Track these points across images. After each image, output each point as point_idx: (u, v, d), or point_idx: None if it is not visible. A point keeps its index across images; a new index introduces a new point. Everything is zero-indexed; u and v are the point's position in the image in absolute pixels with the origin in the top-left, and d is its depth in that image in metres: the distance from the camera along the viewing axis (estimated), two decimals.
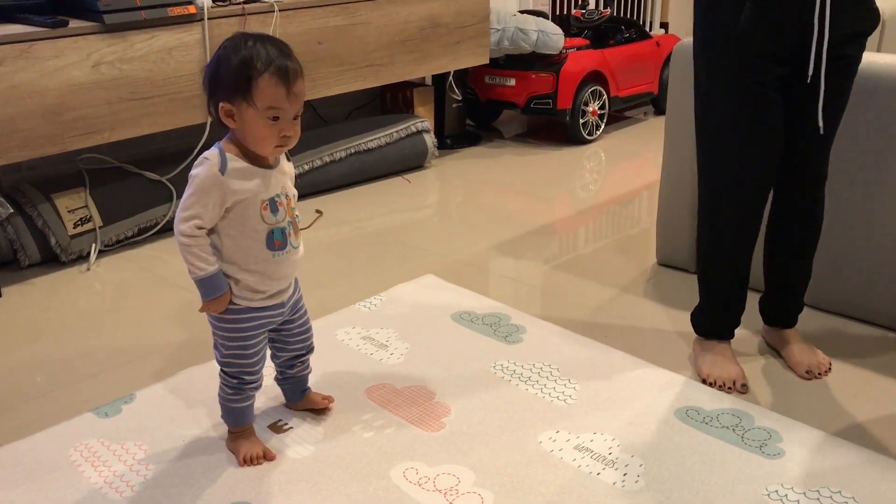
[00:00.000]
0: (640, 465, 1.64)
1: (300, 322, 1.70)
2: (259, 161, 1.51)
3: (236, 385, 1.61)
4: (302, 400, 1.81)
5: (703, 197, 1.93)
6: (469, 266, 2.64)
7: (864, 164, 2.05)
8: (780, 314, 2.05)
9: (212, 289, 1.50)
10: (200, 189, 1.46)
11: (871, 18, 1.75)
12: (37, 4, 2.52)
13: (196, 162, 1.49)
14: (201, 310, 1.54)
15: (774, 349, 2.07)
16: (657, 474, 1.61)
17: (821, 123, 1.74)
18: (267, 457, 1.65)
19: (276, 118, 1.44)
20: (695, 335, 2.07)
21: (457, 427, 1.76)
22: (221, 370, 1.61)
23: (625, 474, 1.61)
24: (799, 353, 2.00)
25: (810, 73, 1.71)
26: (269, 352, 1.70)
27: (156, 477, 1.61)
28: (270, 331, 1.65)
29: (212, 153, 1.48)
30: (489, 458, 1.66)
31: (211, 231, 1.50)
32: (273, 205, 1.52)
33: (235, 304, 1.54)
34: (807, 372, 1.96)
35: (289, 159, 1.60)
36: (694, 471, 1.62)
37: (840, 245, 2.14)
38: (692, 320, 2.07)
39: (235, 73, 1.42)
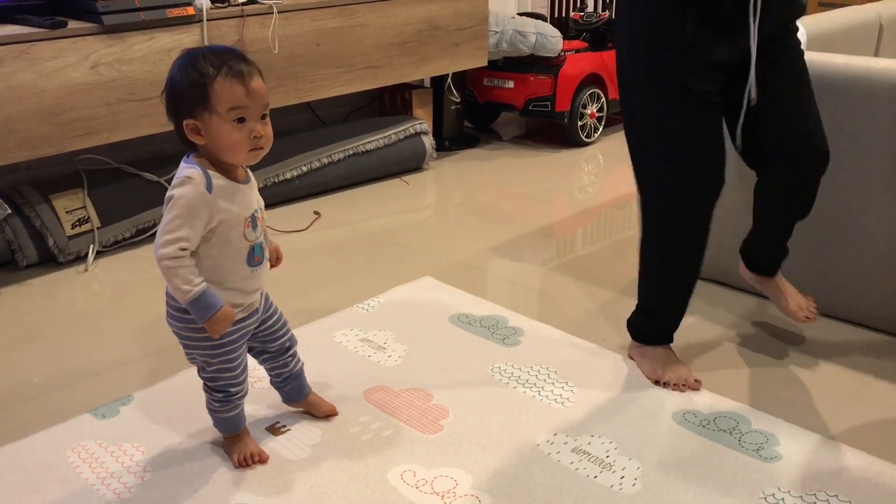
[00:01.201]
0: (638, 469, 1.64)
1: (276, 318, 1.68)
2: (233, 176, 1.49)
3: (222, 398, 1.60)
4: (304, 402, 1.80)
5: (648, 209, 1.88)
6: (467, 268, 2.64)
7: (858, 166, 2.06)
8: (770, 264, 2.05)
9: (207, 307, 1.45)
10: (188, 210, 1.41)
11: (798, 5, 1.80)
12: (36, 5, 2.52)
13: (176, 182, 1.43)
14: (212, 334, 1.48)
15: (759, 294, 2.13)
16: (655, 477, 1.61)
17: (752, 95, 1.75)
18: (261, 458, 1.65)
19: (241, 119, 1.42)
20: (631, 342, 2.05)
21: (455, 429, 1.76)
22: (205, 385, 1.61)
23: (622, 477, 1.61)
24: (794, 299, 2.04)
25: (749, 87, 1.74)
26: (254, 360, 1.71)
27: (154, 479, 1.61)
28: (250, 339, 1.64)
29: (193, 172, 1.43)
30: (487, 461, 1.66)
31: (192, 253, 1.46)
32: (253, 221, 1.52)
33: None
34: (806, 318, 2.02)
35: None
36: (691, 474, 1.62)
37: (835, 248, 2.15)
38: (631, 327, 2.05)
39: (190, 86, 1.40)
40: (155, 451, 1.70)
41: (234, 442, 1.67)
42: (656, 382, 1.94)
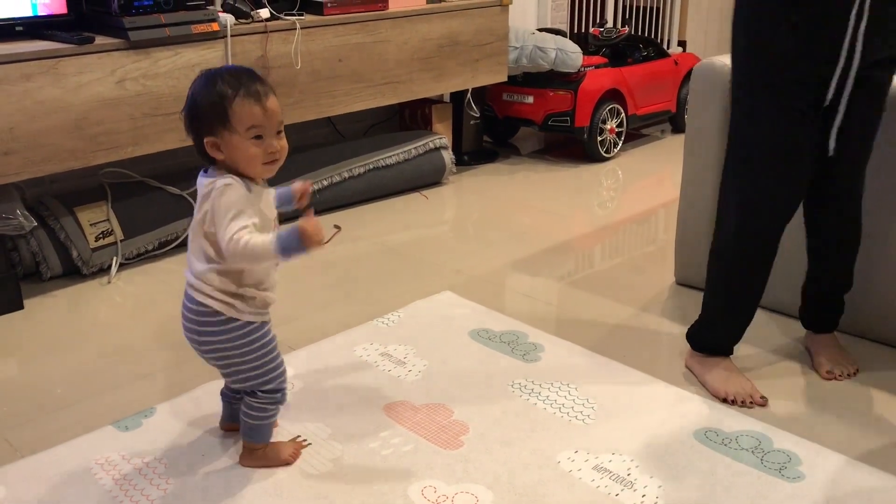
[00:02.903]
0: (659, 487, 1.63)
1: None
2: (255, 183, 1.55)
3: (279, 398, 1.64)
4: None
5: (727, 216, 1.93)
6: (486, 283, 2.64)
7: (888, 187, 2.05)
8: (813, 320, 2.11)
9: (292, 242, 1.45)
10: (239, 205, 1.47)
11: None
12: (63, 21, 2.56)
13: (216, 192, 1.48)
14: (317, 245, 1.47)
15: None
16: (676, 496, 1.61)
17: (832, 146, 1.79)
18: (301, 445, 1.75)
19: (258, 136, 1.49)
20: (690, 352, 2.07)
21: (475, 445, 1.76)
22: (259, 392, 1.62)
23: (643, 496, 1.61)
24: (825, 355, 2.04)
25: (829, 96, 1.75)
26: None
27: (175, 492, 1.62)
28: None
29: (230, 178, 1.49)
30: (507, 478, 1.66)
31: None
32: (276, 222, 1.60)
33: (253, 321, 1.58)
34: (827, 372, 2.01)
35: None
36: (713, 493, 1.61)
37: (861, 267, 2.13)
38: (692, 336, 2.07)
39: (210, 107, 1.48)
40: (177, 463, 1.71)
41: (267, 450, 1.69)
42: (724, 400, 1.93)
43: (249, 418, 1.65)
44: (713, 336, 2.03)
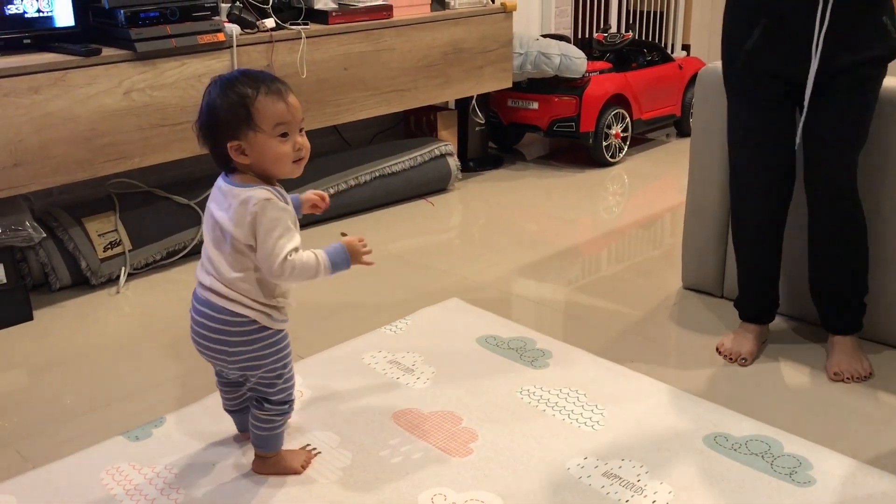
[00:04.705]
0: (670, 493, 1.63)
1: None
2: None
3: (287, 409, 1.65)
4: None
5: (730, 200, 2.16)
6: (493, 289, 2.64)
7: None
8: (824, 319, 2.13)
9: (340, 258, 1.53)
10: (284, 221, 1.48)
11: (886, 45, 1.86)
12: (70, 33, 2.57)
13: (255, 208, 1.46)
14: (367, 261, 1.59)
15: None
16: (686, 501, 1.60)
17: (798, 139, 1.94)
18: (311, 456, 1.75)
19: (285, 134, 1.48)
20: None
21: (484, 453, 1.76)
22: (267, 403, 1.61)
23: (654, 501, 1.60)
24: (837, 357, 2.06)
25: (807, 98, 1.88)
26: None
27: (186, 501, 1.63)
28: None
29: (265, 192, 1.47)
30: (517, 485, 1.66)
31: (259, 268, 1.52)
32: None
33: (282, 329, 1.60)
34: (834, 373, 2.03)
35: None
36: (723, 498, 1.61)
37: (875, 271, 2.12)
38: (735, 306, 2.26)
39: (231, 109, 1.46)
40: (187, 472, 1.71)
41: (278, 459, 1.69)
42: (717, 350, 2.16)
43: (258, 429, 1.65)
44: (741, 300, 2.21)
